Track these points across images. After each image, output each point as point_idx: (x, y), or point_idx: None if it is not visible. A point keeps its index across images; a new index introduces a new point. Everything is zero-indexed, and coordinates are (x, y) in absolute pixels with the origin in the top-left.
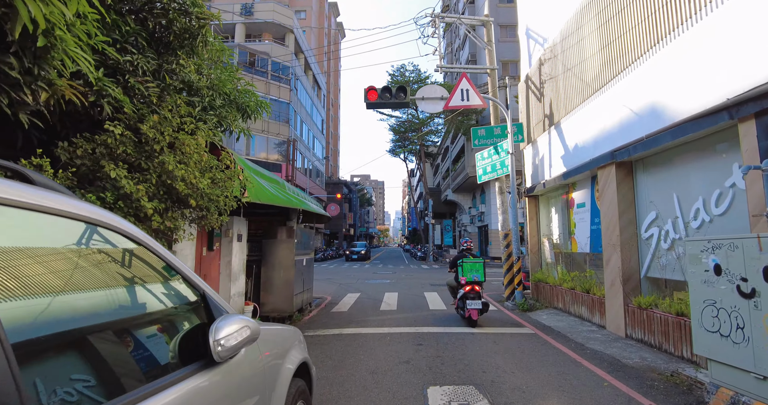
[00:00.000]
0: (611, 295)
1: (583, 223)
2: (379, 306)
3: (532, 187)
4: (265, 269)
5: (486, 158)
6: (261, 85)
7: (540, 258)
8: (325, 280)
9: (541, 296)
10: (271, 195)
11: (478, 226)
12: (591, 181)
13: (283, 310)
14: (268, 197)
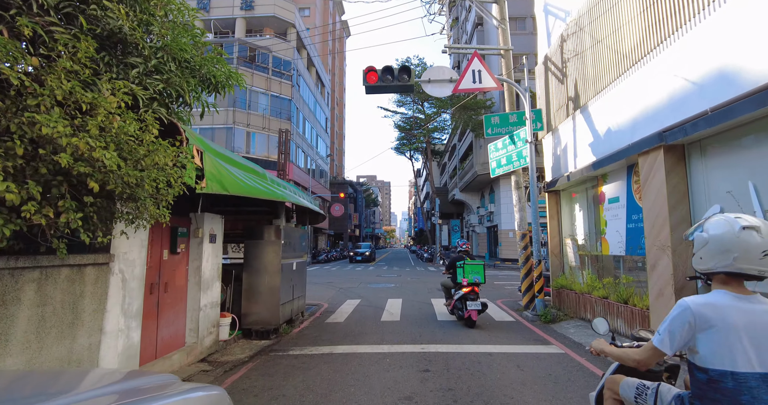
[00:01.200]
0: (659, 307)
1: (617, 220)
2: (380, 315)
3: (553, 181)
4: (248, 275)
5: (500, 149)
6: (261, 81)
7: (562, 261)
8: (325, 284)
9: (564, 305)
10: (245, 185)
11: (487, 226)
12: (627, 171)
13: (268, 322)
14: (239, 188)
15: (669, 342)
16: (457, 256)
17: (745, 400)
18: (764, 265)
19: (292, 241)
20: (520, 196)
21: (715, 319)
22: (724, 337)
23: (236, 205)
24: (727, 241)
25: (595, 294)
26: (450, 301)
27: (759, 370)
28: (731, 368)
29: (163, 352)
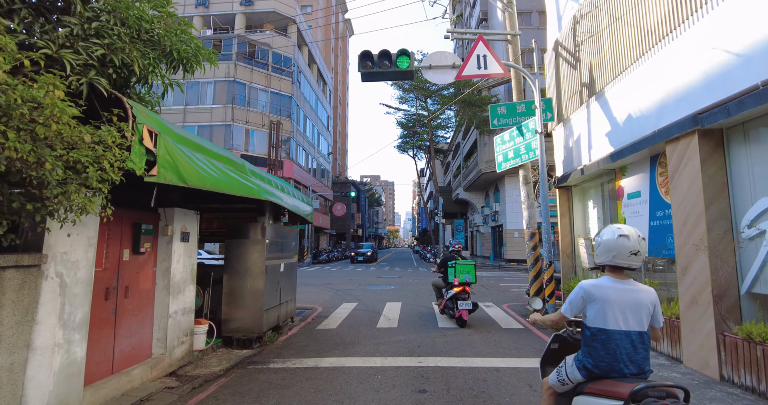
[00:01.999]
0: (692, 316)
1: (638, 218)
2: (376, 321)
3: (565, 176)
4: (229, 277)
5: (507, 141)
6: (261, 78)
7: (574, 263)
8: (322, 286)
9: None
10: (210, 177)
11: (492, 226)
12: (650, 163)
13: (250, 330)
14: (201, 179)
15: (570, 310)
16: (449, 256)
17: (612, 347)
18: (632, 261)
19: (280, 240)
20: (529, 192)
21: (598, 295)
22: (602, 307)
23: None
24: (611, 244)
25: None
26: (441, 300)
27: (623, 328)
28: (605, 326)
29: (121, 367)
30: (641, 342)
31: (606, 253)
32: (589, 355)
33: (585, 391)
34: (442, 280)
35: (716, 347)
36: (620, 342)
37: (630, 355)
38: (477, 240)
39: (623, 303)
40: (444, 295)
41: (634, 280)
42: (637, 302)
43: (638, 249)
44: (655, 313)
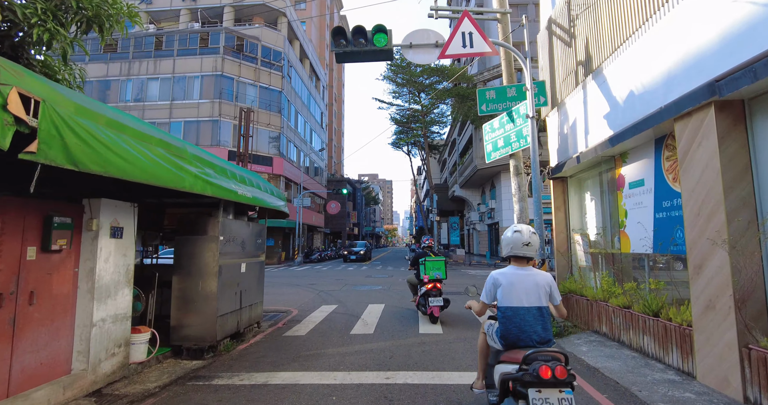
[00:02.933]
0: (708, 324)
1: (641, 209)
2: (352, 326)
3: (559, 166)
4: (179, 279)
5: (497, 129)
6: (249, 72)
7: (570, 261)
8: (306, 287)
9: (572, 314)
10: (119, 161)
11: (488, 223)
12: (655, 146)
13: (202, 338)
14: (101, 163)
15: (486, 296)
16: (421, 252)
17: (517, 321)
18: (525, 251)
19: (241, 237)
20: (520, 184)
21: (503, 281)
22: (507, 289)
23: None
24: (509, 239)
25: (613, 302)
26: (416, 297)
27: (525, 305)
28: (510, 304)
29: (23, 387)
30: (540, 315)
31: (507, 246)
32: (503, 328)
33: (501, 360)
34: (415, 277)
35: (739, 362)
36: (524, 316)
37: (532, 325)
38: (473, 238)
39: (524, 285)
40: (419, 292)
41: (533, 267)
42: (535, 284)
43: (529, 241)
44: (552, 292)
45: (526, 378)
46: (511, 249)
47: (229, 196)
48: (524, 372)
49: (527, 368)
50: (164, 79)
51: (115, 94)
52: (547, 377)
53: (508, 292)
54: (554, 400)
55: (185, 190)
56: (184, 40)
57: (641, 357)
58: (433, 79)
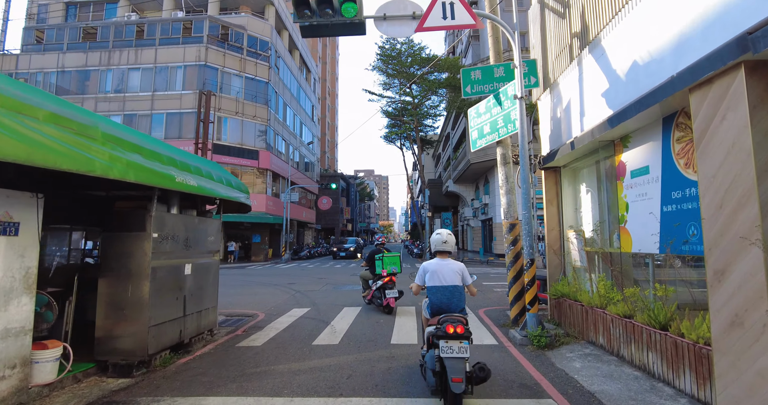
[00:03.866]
0: (733, 344)
1: (645, 202)
2: (318, 334)
3: (552, 154)
4: (106, 282)
5: (483, 114)
6: (235, 62)
7: (563, 260)
8: (284, 287)
9: (565, 320)
10: None
11: (482, 219)
12: (663, 126)
13: (131, 352)
14: None
15: (419, 280)
16: (375, 250)
17: (439, 296)
18: (444, 247)
19: (184, 234)
20: (508, 174)
21: (430, 268)
22: (432, 274)
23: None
24: (434, 239)
25: (612, 310)
26: (368, 291)
27: (443, 284)
28: (434, 284)
29: None
30: (455, 291)
31: (433, 245)
32: (430, 301)
33: (429, 324)
34: (369, 273)
35: None
36: (443, 292)
37: (449, 298)
38: (467, 234)
39: (443, 271)
40: (371, 287)
41: (452, 259)
42: (451, 270)
43: (446, 240)
44: (463, 275)
45: (438, 333)
46: (435, 247)
47: (163, 182)
48: (438, 329)
49: (440, 327)
50: (146, 70)
51: (95, 85)
52: (450, 332)
53: (432, 276)
54: (455, 348)
55: (96, 174)
56: (167, 29)
57: (646, 378)
58: (425, 69)
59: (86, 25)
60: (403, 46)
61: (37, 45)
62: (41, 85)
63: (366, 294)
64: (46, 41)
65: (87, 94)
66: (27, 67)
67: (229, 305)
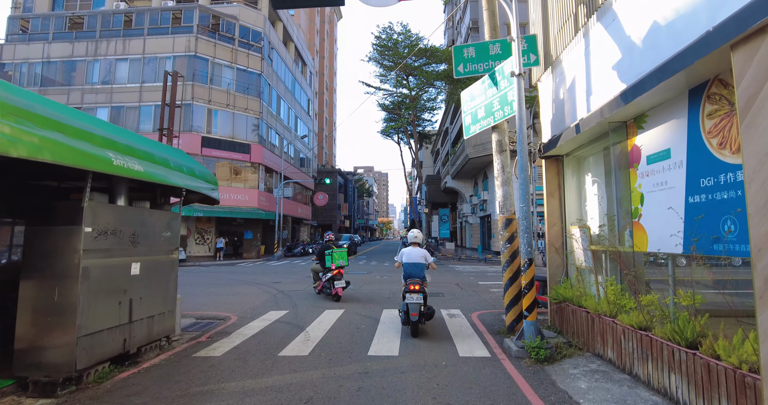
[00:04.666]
0: None
1: (666, 192)
2: (290, 341)
3: (553, 140)
4: (29, 284)
5: (477, 96)
6: (226, 53)
7: (565, 260)
8: (268, 286)
9: (567, 326)
10: None
11: (480, 216)
12: (689, 99)
13: (56, 367)
14: None
15: (399, 259)
16: (325, 246)
17: (409, 268)
18: (414, 240)
19: (129, 229)
20: (504, 164)
21: (405, 252)
22: (406, 256)
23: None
24: (409, 236)
25: (624, 320)
26: (318, 283)
27: (411, 262)
28: (406, 261)
29: None
30: (418, 266)
31: (409, 239)
32: (404, 272)
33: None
34: (320, 266)
35: None
36: (411, 266)
37: (414, 270)
38: (466, 231)
39: (413, 254)
40: (321, 278)
41: (419, 246)
42: (417, 254)
43: (416, 235)
44: (426, 257)
45: (405, 290)
46: (410, 240)
47: (95, 165)
48: (405, 287)
49: (406, 286)
50: (134, 60)
51: (81, 76)
52: (411, 289)
53: (407, 256)
54: (414, 298)
55: None
56: (156, 19)
57: (668, 403)
58: (422, 61)
59: (73, 15)
60: (399, 36)
61: (22, 35)
62: (26, 76)
63: (316, 285)
64: (32, 31)
65: (73, 86)
66: (11, 58)
67: (204, 306)
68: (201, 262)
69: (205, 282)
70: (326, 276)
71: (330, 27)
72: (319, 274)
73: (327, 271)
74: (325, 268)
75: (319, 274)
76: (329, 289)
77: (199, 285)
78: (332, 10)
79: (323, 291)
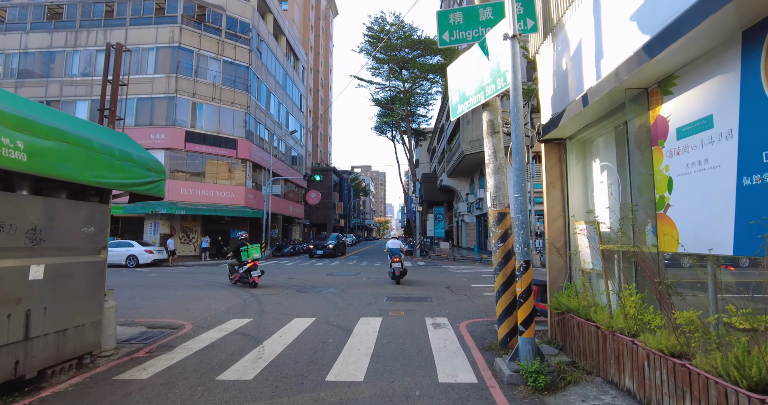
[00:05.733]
0: None
1: (707, 173)
2: (237, 359)
3: (555, 119)
4: None
5: (465, 70)
6: (212, 44)
7: (568, 262)
8: (242, 289)
9: (572, 342)
10: None
11: (477, 215)
12: (742, 47)
13: None
14: None
15: (386, 246)
16: (240, 243)
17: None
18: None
19: (29, 223)
20: (497, 148)
21: (388, 244)
22: (390, 244)
23: None
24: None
25: (650, 342)
26: (235, 274)
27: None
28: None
29: None
30: (396, 250)
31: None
32: (389, 253)
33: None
34: (236, 261)
35: None
36: (393, 250)
37: (393, 251)
38: (462, 230)
39: (394, 245)
40: (238, 271)
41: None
42: (395, 243)
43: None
44: (401, 245)
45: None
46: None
47: None
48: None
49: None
50: None
51: (60, 68)
52: (394, 261)
53: (390, 244)
54: (395, 265)
55: None
56: (138, 8)
57: None
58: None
59: (51, 4)
60: (392, 27)
61: None
62: (2, 68)
63: (233, 277)
64: (9, 20)
65: (52, 78)
66: None
67: (162, 313)
68: (185, 263)
69: (177, 284)
70: (243, 268)
71: (326, 23)
72: (235, 267)
73: (244, 264)
74: (242, 261)
75: (235, 267)
76: (246, 279)
77: (169, 287)
78: (328, 6)
79: (241, 280)
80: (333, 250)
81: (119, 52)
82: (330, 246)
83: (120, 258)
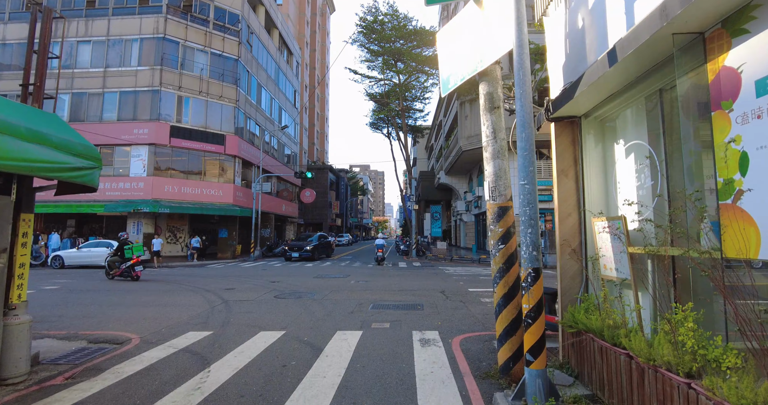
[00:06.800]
0: None
1: None
2: (173, 388)
3: (569, 90)
4: None
5: (457, 33)
6: (199, 36)
7: (585, 267)
8: (216, 293)
9: (589, 369)
10: None
11: (475, 214)
12: None
13: None
14: None
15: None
16: (123, 242)
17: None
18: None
19: None
20: (497, 127)
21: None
22: (378, 241)
23: None
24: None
25: (725, 392)
26: (116, 270)
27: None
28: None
29: None
30: (383, 245)
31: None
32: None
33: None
34: (118, 258)
35: None
36: (378, 244)
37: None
38: (460, 229)
39: (379, 242)
40: (119, 267)
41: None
42: (380, 242)
43: (385, 237)
44: (385, 241)
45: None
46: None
47: None
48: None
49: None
50: (97, 43)
51: None
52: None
53: (378, 241)
54: (379, 254)
55: None
56: None
57: None
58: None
59: None
60: (386, 16)
61: None
62: None
63: (114, 272)
64: None
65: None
66: None
67: (114, 323)
68: (170, 264)
69: (147, 289)
70: (126, 264)
71: (322, 19)
72: (116, 263)
73: (128, 260)
74: (125, 258)
75: (116, 263)
76: (129, 274)
77: (137, 292)
78: (324, 2)
79: (123, 275)
80: (312, 253)
81: (48, 17)
82: (308, 248)
83: (99, 259)
